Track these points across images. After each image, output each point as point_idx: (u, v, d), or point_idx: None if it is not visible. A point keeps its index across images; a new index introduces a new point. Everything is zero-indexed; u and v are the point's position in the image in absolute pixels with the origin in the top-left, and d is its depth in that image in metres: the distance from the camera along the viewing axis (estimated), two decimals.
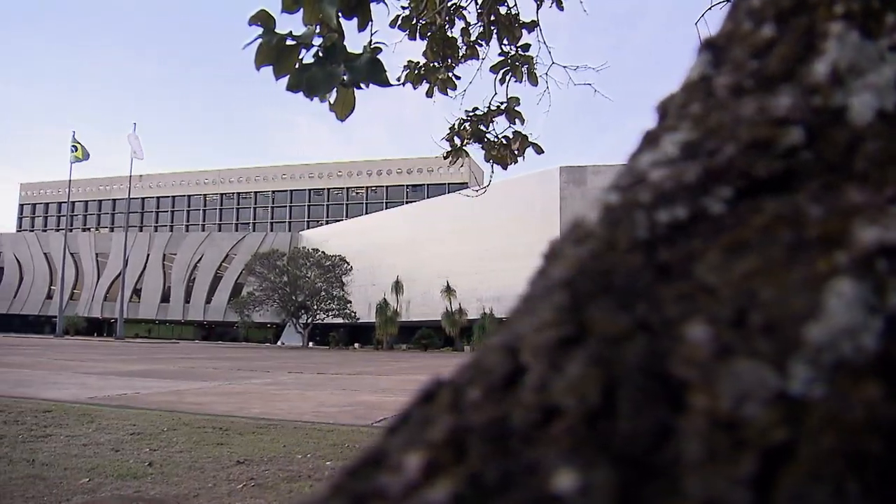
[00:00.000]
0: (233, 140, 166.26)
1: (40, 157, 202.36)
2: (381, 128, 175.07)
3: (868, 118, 0.42)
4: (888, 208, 0.37)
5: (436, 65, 4.60)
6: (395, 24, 4.38)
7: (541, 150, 4.68)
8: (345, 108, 2.24)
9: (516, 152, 4.62)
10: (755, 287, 0.34)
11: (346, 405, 9.80)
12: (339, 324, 59.11)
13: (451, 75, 4.62)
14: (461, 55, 4.65)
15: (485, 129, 4.74)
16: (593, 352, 0.32)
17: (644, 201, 0.40)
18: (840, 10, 0.47)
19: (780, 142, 0.41)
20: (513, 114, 4.62)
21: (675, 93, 0.53)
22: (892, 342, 0.32)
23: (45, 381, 12.39)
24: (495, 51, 4.65)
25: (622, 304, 0.35)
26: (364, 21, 2.43)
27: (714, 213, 0.39)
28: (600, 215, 0.40)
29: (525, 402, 0.32)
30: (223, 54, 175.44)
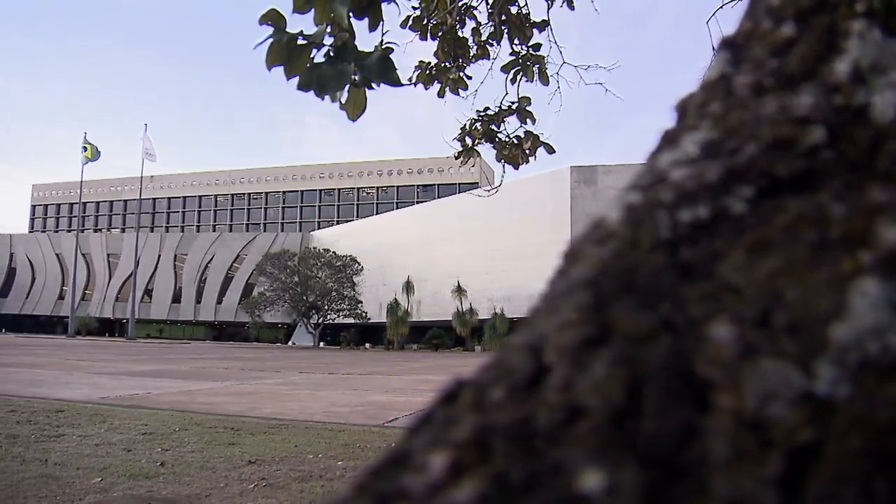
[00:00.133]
0: (244, 141, 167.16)
1: (52, 159, 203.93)
2: (391, 128, 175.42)
3: (890, 116, 0.42)
4: None
5: (447, 65, 4.60)
6: (406, 24, 4.38)
7: (552, 150, 4.68)
8: (356, 108, 2.24)
9: (528, 152, 4.61)
10: (779, 287, 0.34)
11: (357, 405, 9.82)
12: (350, 324, 59.22)
13: (462, 75, 4.62)
14: (472, 55, 4.65)
15: (496, 129, 4.73)
16: (617, 351, 0.32)
17: (666, 201, 0.40)
18: (861, 7, 0.47)
19: (801, 141, 0.41)
20: (524, 113, 4.61)
21: (694, 92, 0.52)
22: None
23: (57, 381, 12.49)
24: (506, 50, 4.65)
25: (646, 304, 0.35)
26: (375, 21, 2.43)
27: (736, 212, 0.39)
28: (622, 215, 0.40)
29: (549, 401, 0.32)
30: (234, 55, 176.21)
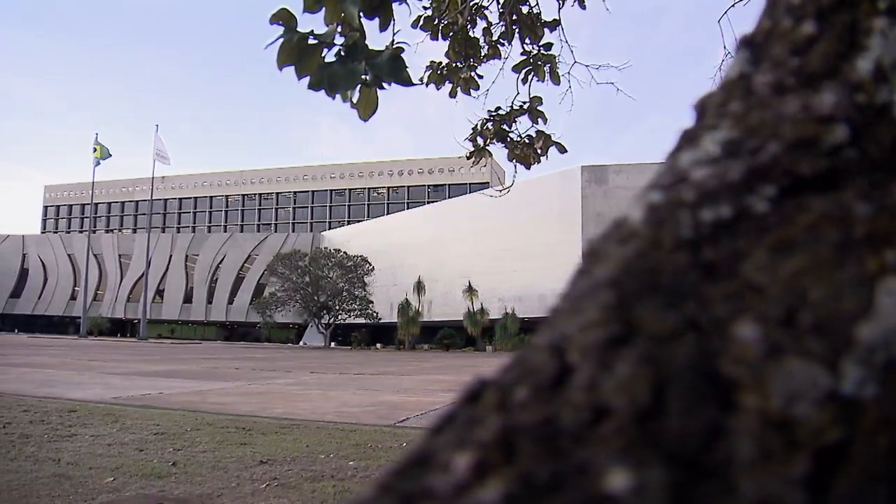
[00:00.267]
0: (255, 141, 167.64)
1: (64, 160, 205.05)
2: (401, 128, 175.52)
3: None
4: None
5: (458, 65, 4.60)
6: (416, 24, 4.38)
7: (564, 150, 4.67)
8: (367, 108, 2.24)
9: (539, 151, 4.61)
10: (804, 286, 0.34)
11: (368, 405, 9.83)
12: (361, 324, 59.27)
13: (473, 75, 4.61)
14: (483, 55, 4.64)
15: (508, 129, 4.73)
16: (642, 351, 0.32)
17: (688, 200, 0.40)
18: (883, 5, 0.46)
19: (824, 140, 0.41)
20: (535, 113, 4.61)
21: (713, 91, 0.52)
22: None
23: (69, 381, 12.57)
24: (517, 50, 4.64)
25: (670, 304, 0.34)
26: (386, 21, 2.43)
27: (758, 212, 0.39)
28: (644, 214, 0.40)
29: (574, 401, 0.32)
30: (245, 55, 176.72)
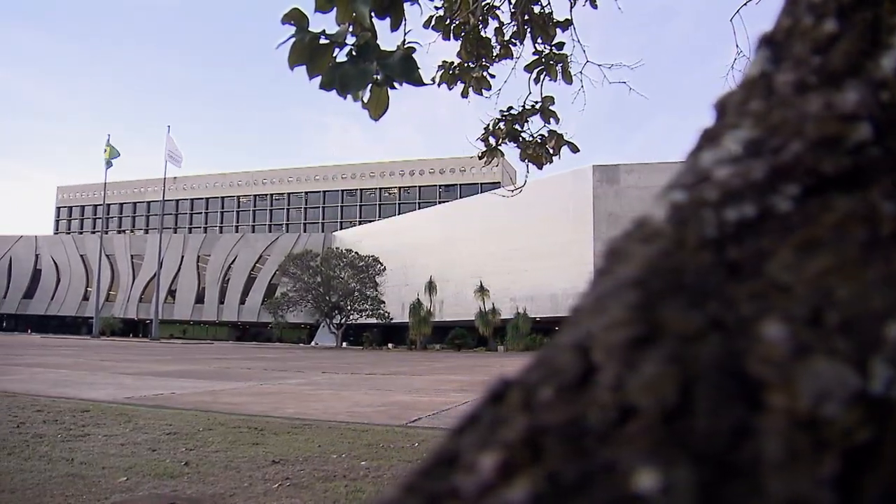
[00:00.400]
0: (265, 142, 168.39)
1: (77, 161, 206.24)
2: (412, 128, 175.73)
3: None
4: None
5: (470, 65, 4.60)
6: (428, 24, 4.39)
7: (576, 149, 4.66)
8: (378, 108, 2.24)
9: (552, 151, 4.60)
10: (830, 285, 0.34)
11: (380, 405, 9.84)
12: (373, 324, 59.37)
13: (485, 75, 4.61)
14: (495, 55, 4.64)
15: (520, 129, 4.72)
16: (668, 350, 0.32)
17: (711, 199, 0.40)
18: None
19: (848, 138, 0.41)
20: (547, 113, 4.60)
21: (733, 90, 0.52)
22: None
23: (82, 381, 12.65)
24: (529, 50, 4.64)
25: (694, 303, 0.34)
26: (397, 21, 2.43)
27: (782, 211, 0.39)
28: (667, 214, 0.40)
29: (600, 401, 0.32)
30: (256, 55, 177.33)
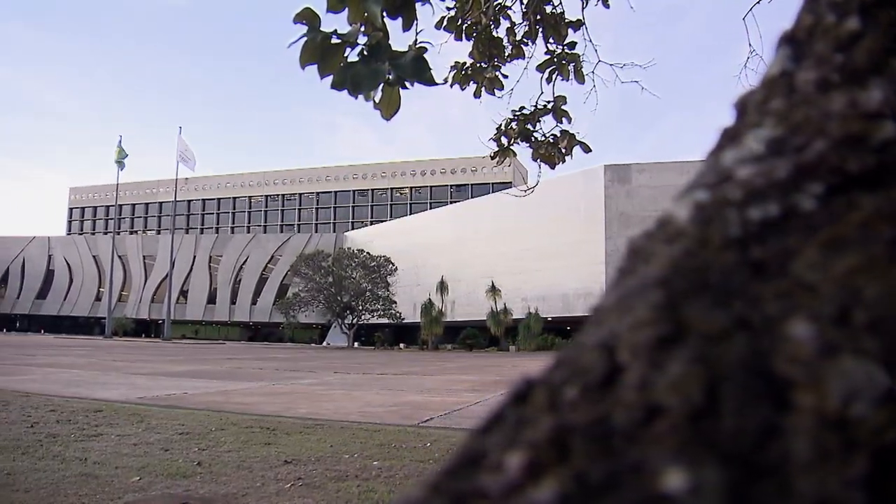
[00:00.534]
0: (277, 142, 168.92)
1: (89, 162, 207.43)
2: (424, 128, 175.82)
3: None
4: None
5: (482, 65, 4.60)
6: (440, 25, 4.39)
7: (589, 149, 4.65)
8: (390, 107, 2.24)
9: (564, 151, 4.59)
10: (857, 285, 0.34)
11: (391, 405, 9.84)
12: (385, 324, 59.43)
13: (497, 75, 4.61)
14: (507, 55, 4.64)
15: (532, 129, 4.72)
16: (694, 350, 0.32)
17: (734, 199, 0.40)
18: None
19: (872, 136, 0.40)
20: (560, 113, 4.60)
21: (753, 89, 0.52)
22: None
23: (95, 381, 12.73)
24: (541, 50, 4.64)
25: (720, 303, 0.34)
26: (409, 21, 2.43)
27: (806, 210, 0.38)
28: (690, 213, 0.40)
29: (626, 401, 0.32)
30: (267, 56, 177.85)
